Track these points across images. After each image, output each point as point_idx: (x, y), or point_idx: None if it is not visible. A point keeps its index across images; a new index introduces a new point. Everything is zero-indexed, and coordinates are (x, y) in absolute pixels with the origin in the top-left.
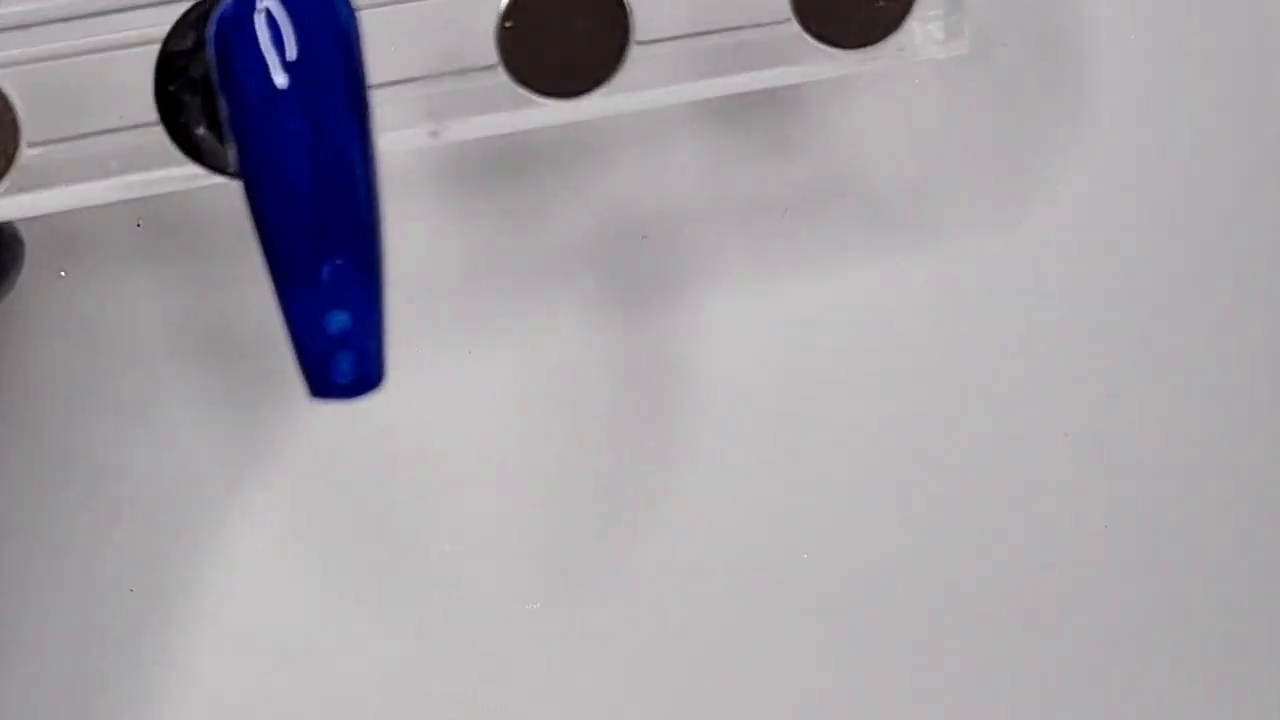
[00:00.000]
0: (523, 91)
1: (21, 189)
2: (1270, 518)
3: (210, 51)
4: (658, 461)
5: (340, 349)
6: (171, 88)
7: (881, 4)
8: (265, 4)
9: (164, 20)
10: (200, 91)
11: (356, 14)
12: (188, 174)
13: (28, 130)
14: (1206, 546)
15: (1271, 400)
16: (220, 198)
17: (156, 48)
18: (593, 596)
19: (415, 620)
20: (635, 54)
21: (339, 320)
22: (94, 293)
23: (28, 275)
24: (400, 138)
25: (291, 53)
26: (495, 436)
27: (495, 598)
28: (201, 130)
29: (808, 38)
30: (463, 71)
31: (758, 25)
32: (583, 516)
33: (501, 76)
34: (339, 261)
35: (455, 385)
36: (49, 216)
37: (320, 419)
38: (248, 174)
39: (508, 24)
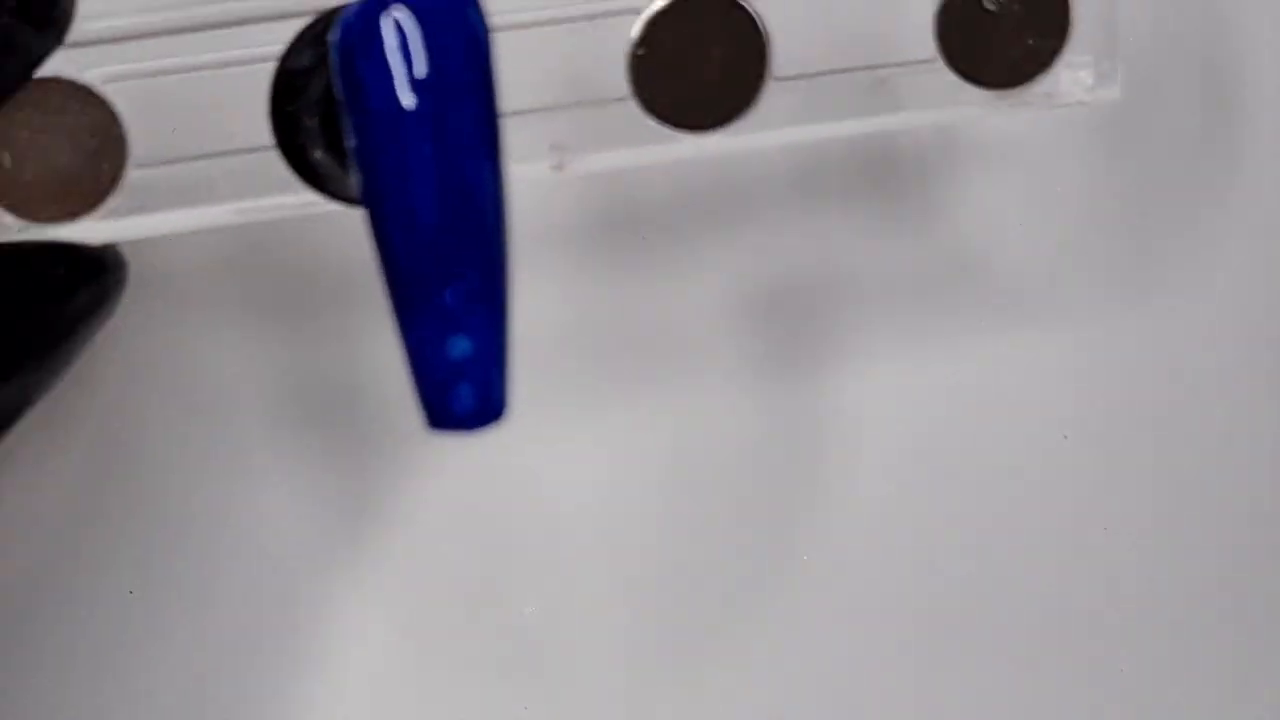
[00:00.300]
0: (653, 123)
1: (127, 210)
2: None
3: (334, 66)
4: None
5: (461, 376)
6: (289, 107)
7: (1032, 42)
8: (394, 15)
9: (281, 37)
10: (319, 112)
11: (490, 31)
12: (303, 200)
13: (136, 149)
14: None
15: None
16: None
17: (273, 65)
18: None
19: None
20: (772, 88)
21: (460, 345)
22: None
23: (138, 323)
24: (520, 170)
25: (420, 69)
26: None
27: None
28: (320, 154)
29: (953, 76)
30: (590, 102)
31: (901, 65)
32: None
33: (631, 107)
34: (462, 285)
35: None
36: (162, 263)
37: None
38: (371, 199)
39: (640, 51)
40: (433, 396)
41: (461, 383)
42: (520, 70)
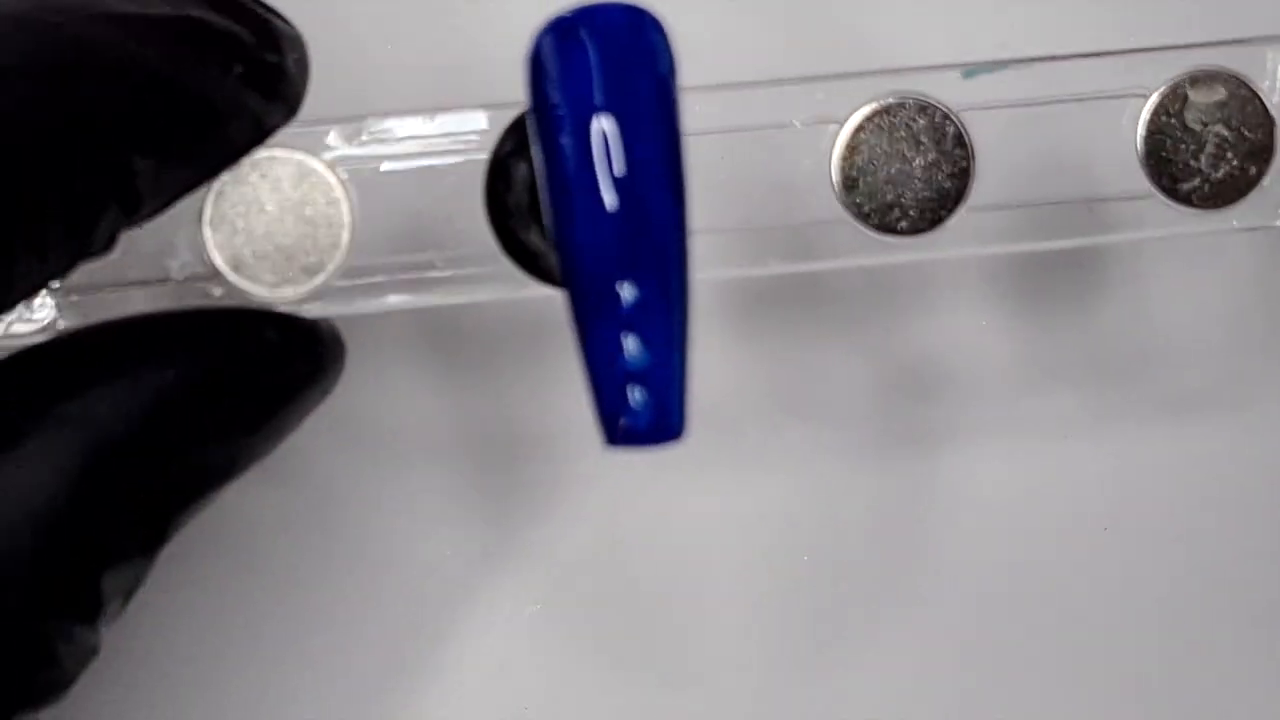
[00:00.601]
0: (860, 227)
1: (346, 287)
2: None
3: (537, 158)
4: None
5: (638, 389)
6: (500, 190)
7: (1236, 162)
8: (601, 121)
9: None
10: (528, 195)
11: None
12: (514, 281)
13: (358, 228)
14: None
15: None
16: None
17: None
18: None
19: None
20: (975, 201)
21: (638, 359)
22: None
23: None
24: (725, 274)
25: (620, 168)
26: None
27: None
28: (532, 235)
29: (1159, 196)
30: (795, 206)
31: (1112, 198)
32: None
33: (836, 209)
34: (641, 300)
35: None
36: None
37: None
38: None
39: (845, 155)
40: (610, 410)
41: (639, 396)
42: (725, 174)
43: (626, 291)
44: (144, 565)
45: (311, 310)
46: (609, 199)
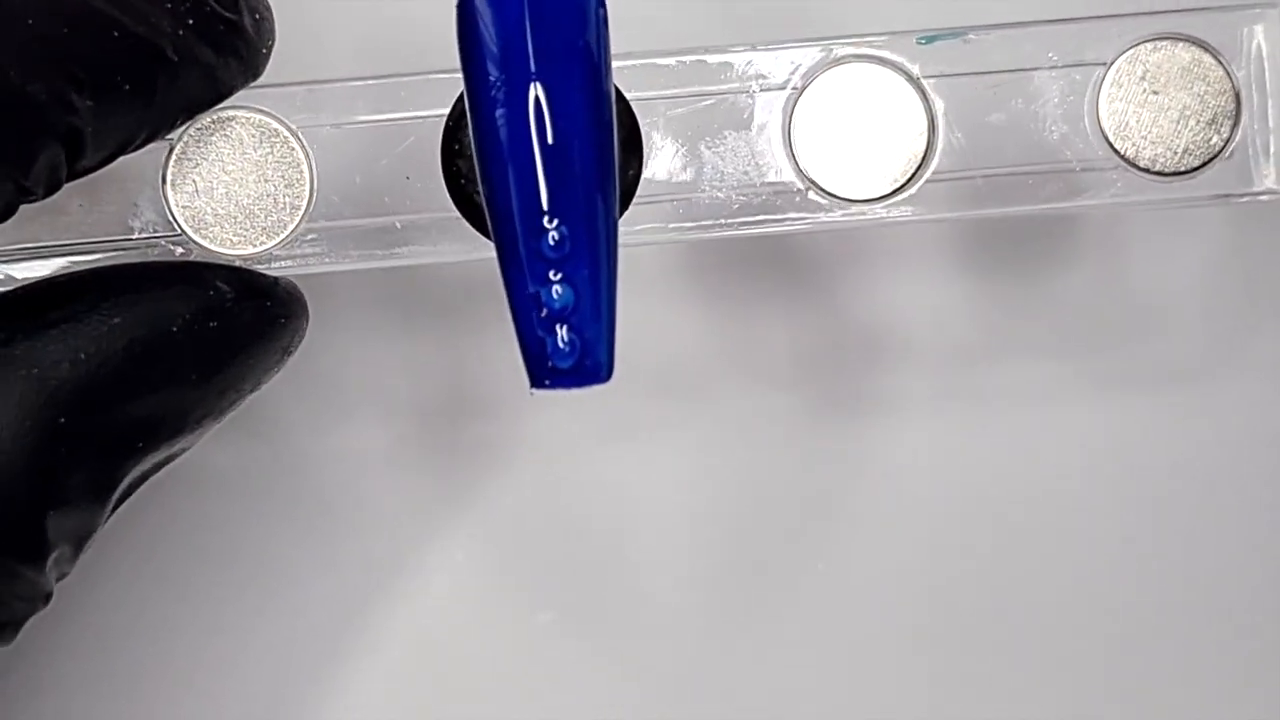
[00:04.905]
0: (814, 195)
1: (309, 245)
2: None
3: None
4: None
5: (561, 328)
6: (455, 151)
7: (1201, 130)
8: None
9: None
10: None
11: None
12: (474, 242)
13: (319, 189)
14: None
15: None
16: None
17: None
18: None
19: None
20: (934, 168)
21: (561, 297)
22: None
23: None
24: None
25: (548, 117)
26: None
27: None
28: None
29: (1124, 164)
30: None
31: (1076, 168)
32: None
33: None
34: (564, 237)
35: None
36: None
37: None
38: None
39: (793, 120)
40: (535, 351)
41: (561, 335)
42: (683, 134)
43: (551, 233)
44: (94, 514)
45: (272, 269)
46: (536, 145)
